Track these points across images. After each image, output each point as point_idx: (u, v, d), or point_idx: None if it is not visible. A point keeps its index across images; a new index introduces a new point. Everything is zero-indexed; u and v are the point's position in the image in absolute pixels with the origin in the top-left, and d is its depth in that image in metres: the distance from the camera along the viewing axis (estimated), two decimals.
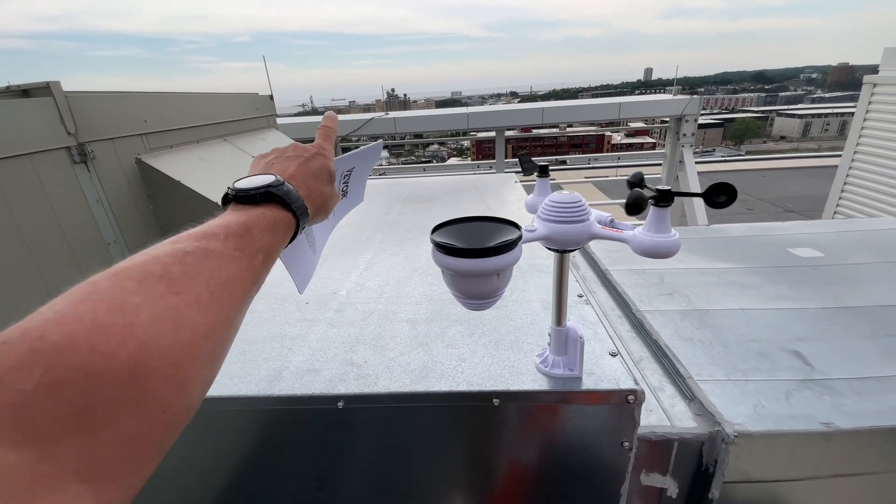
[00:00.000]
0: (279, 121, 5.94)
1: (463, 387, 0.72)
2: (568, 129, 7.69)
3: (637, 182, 0.61)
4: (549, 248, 0.67)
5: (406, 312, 0.98)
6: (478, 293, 0.60)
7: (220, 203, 0.49)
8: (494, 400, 0.71)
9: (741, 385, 0.98)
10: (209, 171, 3.34)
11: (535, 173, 0.84)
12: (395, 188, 2.25)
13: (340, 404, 0.71)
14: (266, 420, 0.75)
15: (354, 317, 0.97)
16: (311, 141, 0.67)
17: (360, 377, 0.76)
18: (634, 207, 0.55)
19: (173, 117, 3.35)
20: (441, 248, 0.57)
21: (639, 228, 0.60)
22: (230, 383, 0.77)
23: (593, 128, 8.84)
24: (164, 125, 3.24)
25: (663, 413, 0.92)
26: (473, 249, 0.55)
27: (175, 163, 3.18)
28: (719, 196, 0.51)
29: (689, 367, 1.03)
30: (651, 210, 0.58)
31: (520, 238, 0.58)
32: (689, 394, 0.97)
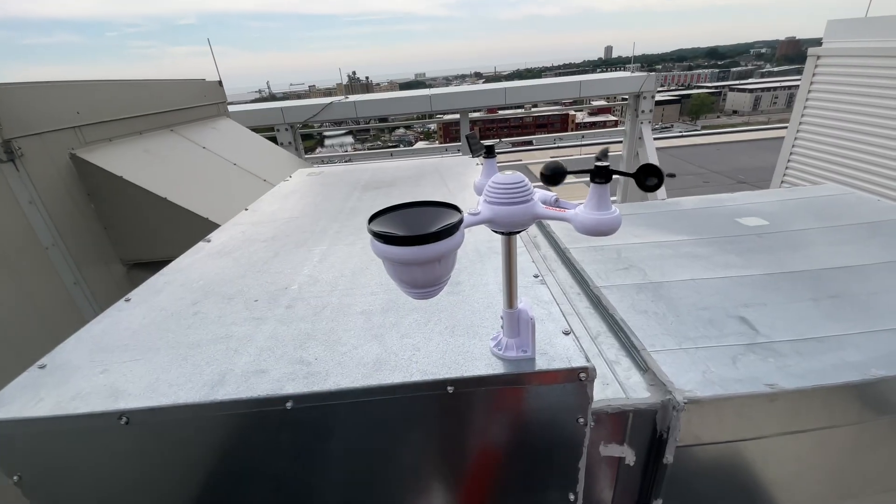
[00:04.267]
0: (233, 108, 5.66)
1: (416, 377, 0.71)
2: (533, 110, 7.70)
3: (602, 157, 0.60)
4: (495, 231, 0.66)
5: (361, 304, 0.95)
6: (421, 281, 0.58)
7: (168, 199, 0.42)
8: (448, 388, 0.70)
9: (692, 353, 1.01)
10: (155, 163, 3.13)
11: (482, 154, 0.82)
12: (354, 174, 2.19)
13: (289, 405, 0.68)
14: (211, 427, 0.71)
15: (306, 312, 0.93)
16: (268, 129, 0.59)
17: (309, 375, 0.73)
18: (551, 179, 0.54)
19: (110, 107, 3.11)
20: (379, 237, 0.54)
21: (580, 207, 0.59)
22: (169, 392, 0.72)
23: (557, 108, 8.90)
24: (101, 116, 3.00)
25: (619, 386, 0.94)
26: (412, 237, 0.53)
27: (115, 157, 2.96)
28: (649, 178, 0.50)
29: (644, 339, 1.06)
30: (591, 187, 0.57)
31: (461, 222, 0.56)
32: (643, 365, 0.99)
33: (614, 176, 0.58)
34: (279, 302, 0.98)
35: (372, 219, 0.57)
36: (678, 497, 0.98)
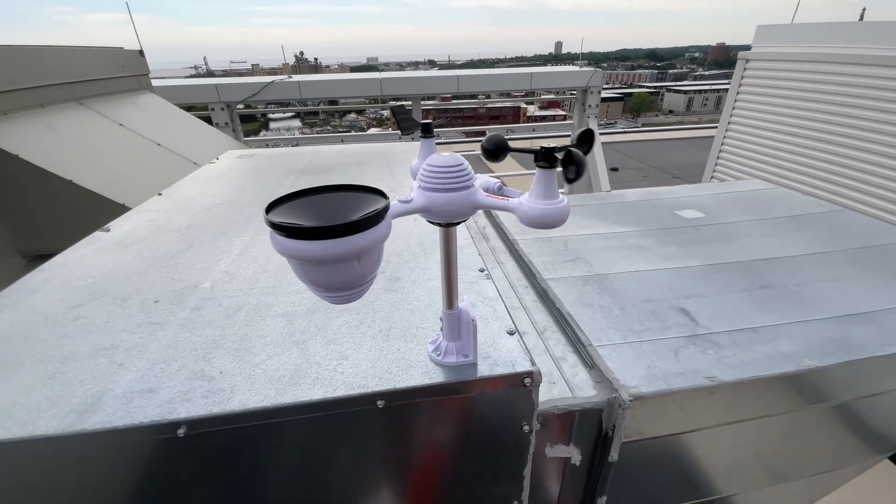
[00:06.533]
0: (161, 83, 5.13)
1: (340, 391, 0.61)
2: (486, 101, 7.68)
3: (584, 139, 0.53)
4: (431, 222, 0.57)
5: (283, 305, 0.83)
6: (338, 283, 0.48)
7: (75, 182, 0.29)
8: (378, 402, 0.61)
9: (636, 347, 0.99)
10: (59, 141, 2.74)
11: (418, 132, 0.72)
12: (291, 158, 2.01)
13: (181, 431, 0.56)
14: (81, 463, 0.57)
15: (216, 315, 0.80)
16: (202, 109, 0.46)
17: (210, 393, 0.61)
18: (492, 153, 0.47)
19: (6, 76, 2.68)
20: (279, 229, 0.43)
21: (525, 195, 0.52)
22: (27, 420, 0.57)
23: (510, 100, 8.98)
24: None
25: (566, 384, 0.90)
26: (321, 228, 0.43)
27: (11, 133, 2.56)
28: (583, 145, 0.46)
29: (590, 333, 1.03)
30: (536, 173, 0.50)
31: (386, 210, 0.47)
32: (589, 361, 0.96)
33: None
34: (185, 303, 0.84)
35: (272, 207, 0.46)
36: (622, 490, 0.97)
